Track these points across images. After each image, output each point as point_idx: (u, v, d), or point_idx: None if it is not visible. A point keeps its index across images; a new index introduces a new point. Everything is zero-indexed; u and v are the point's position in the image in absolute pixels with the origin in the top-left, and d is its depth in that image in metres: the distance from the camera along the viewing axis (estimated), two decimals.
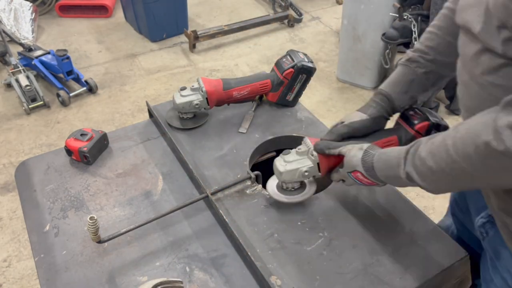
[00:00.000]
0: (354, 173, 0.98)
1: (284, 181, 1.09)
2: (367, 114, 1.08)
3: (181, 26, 3.98)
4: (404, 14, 2.81)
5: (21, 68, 3.22)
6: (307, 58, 1.41)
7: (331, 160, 1.04)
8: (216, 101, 1.39)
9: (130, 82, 3.45)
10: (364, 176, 0.96)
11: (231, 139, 1.37)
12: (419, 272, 0.99)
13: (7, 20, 3.68)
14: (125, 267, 1.02)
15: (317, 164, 1.05)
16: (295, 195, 1.12)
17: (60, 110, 3.15)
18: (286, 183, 1.10)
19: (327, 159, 1.04)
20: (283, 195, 1.12)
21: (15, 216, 2.38)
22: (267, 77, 1.42)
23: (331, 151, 1.02)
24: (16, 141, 2.88)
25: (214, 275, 1.00)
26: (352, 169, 0.97)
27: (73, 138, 1.29)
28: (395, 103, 1.08)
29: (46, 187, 1.22)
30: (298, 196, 1.12)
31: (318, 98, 3.25)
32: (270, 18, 4.12)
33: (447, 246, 1.05)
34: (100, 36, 4.06)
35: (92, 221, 0.95)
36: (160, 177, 1.25)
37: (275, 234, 1.08)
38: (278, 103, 1.48)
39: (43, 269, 1.02)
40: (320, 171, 1.06)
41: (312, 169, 1.06)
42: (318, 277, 0.99)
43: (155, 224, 1.09)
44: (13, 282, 2.06)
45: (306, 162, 1.06)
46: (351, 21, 3.11)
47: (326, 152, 1.02)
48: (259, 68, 3.60)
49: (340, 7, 3.54)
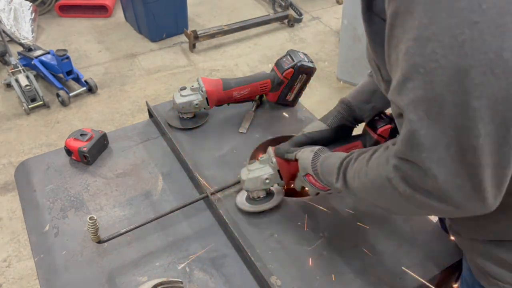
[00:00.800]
0: (307, 177, 0.99)
1: (248, 189, 1.10)
2: (327, 123, 1.11)
3: (181, 26, 3.97)
4: None
5: (21, 68, 3.22)
6: (307, 58, 1.41)
7: (291, 167, 1.05)
8: (216, 101, 1.39)
9: (130, 82, 3.45)
10: (315, 179, 0.96)
11: (231, 139, 1.37)
12: (419, 272, 0.99)
13: (7, 20, 3.68)
14: (125, 267, 1.02)
15: (277, 171, 1.07)
16: (262, 204, 1.12)
17: (60, 110, 3.15)
18: (251, 191, 1.10)
19: (287, 165, 1.05)
20: (249, 204, 1.12)
21: (15, 216, 2.37)
22: (267, 77, 1.42)
23: (288, 155, 1.04)
24: (16, 141, 2.88)
25: (214, 275, 1.00)
26: (305, 172, 0.99)
27: (73, 138, 1.29)
28: (357, 113, 1.10)
29: (46, 187, 1.22)
30: (264, 205, 1.12)
31: (318, 98, 3.25)
32: (270, 18, 4.12)
33: (447, 246, 1.05)
34: (100, 36, 4.06)
35: (92, 221, 0.95)
36: (160, 177, 1.25)
37: (275, 234, 1.08)
38: (278, 103, 1.48)
39: (43, 269, 1.02)
40: (282, 178, 1.07)
41: (273, 176, 1.07)
42: (318, 277, 0.99)
43: (155, 224, 1.09)
44: (13, 282, 2.06)
45: (267, 170, 1.08)
46: (351, 21, 3.11)
47: (284, 157, 1.04)
48: (259, 68, 3.60)
49: (340, 7, 3.54)
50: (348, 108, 1.10)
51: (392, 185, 0.68)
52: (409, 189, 0.65)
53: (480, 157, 0.57)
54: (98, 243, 1.00)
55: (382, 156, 0.72)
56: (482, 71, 0.53)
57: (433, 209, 0.65)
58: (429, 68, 0.56)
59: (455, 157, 0.58)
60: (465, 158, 0.58)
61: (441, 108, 0.57)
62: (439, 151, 0.59)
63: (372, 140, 1.09)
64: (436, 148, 0.59)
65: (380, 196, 0.74)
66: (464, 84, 0.54)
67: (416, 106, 0.59)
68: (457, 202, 0.61)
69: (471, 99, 0.55)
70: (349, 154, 0.85)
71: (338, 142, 1.10)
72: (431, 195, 0.63)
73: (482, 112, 0.55)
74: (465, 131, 0.57)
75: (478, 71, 0.53)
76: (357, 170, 0.79)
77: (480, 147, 0.57)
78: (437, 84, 0.56)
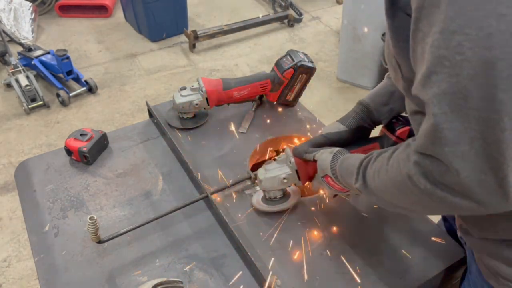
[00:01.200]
0: (326, 178, 0.98)
1: (265, 188, 1.10)
2: (346, 125, 1.10)
3: (181, 26, 3.97)
4: None
5: (21, 68, 3.22)
6: (307, 58, 1.41)
7: (309, 167, 1.05)
8: (216, 101, 1.39)
9: (130, 82, 3.45)
10: (334, 181, 0.96)
11: (231, 139, 1.37)
12: (419, 272, 0.99)
13: (7, 20, 3.68)
14: (125, 267, 1.02)
15: (295, 171, 1.06)
16: (278, 205, 1.12)
17: (60, 110, 3.15)
18: (268, 191, 1.10)
19: (305, 166, 1.05)
20: (266, 204, 1.12)
21: (15, 216, 2.37)
22: (267, 77, 1.42)
23: (306, 155, 1.03)
24: (16, 141, 2.88)
25: (214, 275, 1.00)
26: (323, 174, 0.98)
27: (73, 138, 1.29)
28: (374, 115, 1.10)
29: (46, 187, 1.22)
30: (280, 205, 1.12)
31: (318, 98, 3.25)
32: (270, 18, 4.12)
33: (447, 246, 1.05)
34: (100, 36, 4.06)
35: (92, 221, 0.95)
36: (160, 177, 1.25)
37: (275, 234, 1.08)
38: (278, 103, 1.48)
39: (43, 269, 1.02)
40: (300, 179, 1.07)
41: (291, 176, 1.07)
42: (318, 277, 0.99)
43: (155, 224, 1.09)
44: (13, 282, 2.06)
45: (285, 170, 1.07)
46: (351, 21, 3.11)
47: (303, 157, 1.04)
48: (259, 68, 3.60)
49: (340, 7, 3.54)
50: (366, 109, 1.10)
51: (412, 182, 0.67)
52: (430, 185, 0.64)
53: (505, 152, 0.56)
54: (98, 243, 1.00)
55: (403, 153, 0.71)
56: (509, 64, 0.53)
57: (454, 206, 0.64)
58: (455, 61, 0.56)
59: (479, 152, 0.57)
60: (490, 153, 0.57)
61: (466, 101, 0.56)
62: (463, 145, 0.58)
63: (390, 141, 1.08)
64: (459, 142, 0.58)
65: (401, 194, 0.74)
66: (490, 76, 0.54)
67: (440, 99, 0.58)
68: (480, 198, 0.60)
69: (497, 92, 0.54)
70: (368, 154, 0.84)
71: (356, 144, 1.09)
72: (453, 191, 0.62)
73: (509, 105, 0.54)
74: (491, 124, 0.56)
75: (505, 64, 0.53)
76: (377, 169, 0.79)
77: (506, 141, 0.56)
78: (463, 77, 0.56)
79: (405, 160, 0.69)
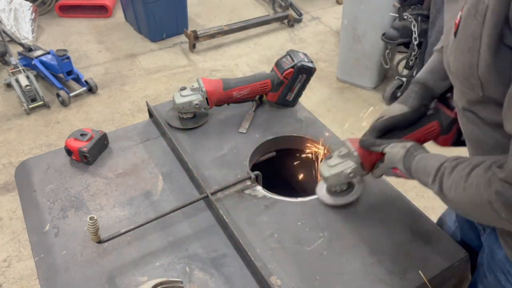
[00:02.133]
0: (394, 170, 0.99)
1: (331, 185, 1.11)
2: (408, 105, 1.06)
3: (181, 26, 3.97)
4: (404, 14, 2.81)
5: (21, 68, 3.22)
6: (307, 58, 1.41)
7: (374, 157, 1.05)
8: (216, 101, 1.39)
9: (130, 82, 3.45)
10: (403, 173, 0.97)
11: (231, 139, 1.37)
12: (419, 272, 0.99)
13: (7, 20, 3.68)
14: (125, 267, 1.02)
15: (360, 164, 1.06)
16: (346, 196, 1.14)
17: (60, 110, 3.15)
18: (333, 186, 1.12)
19: (369, 156, 1.05)
20: (333, 197, 1.14)
21: (15, 216, 2.37)
22: (267, 77, 1.42)
23: (375, 148, 1.02)
24: (16, 141, 2.88)
25: (214, 275, 1.00)
26: (392, 166, 0.99)
27: (73, 138, 1.29)
28: (434, 91, 1.06)
29: (46, 187, 1.22)
30: (348, 196, 1.14)
31: (318, 98, 3.25)
32: (270, 18, 4.12)
33: (447, 246, 1.05)
34: (100, 36, 4.06)
35: (92, 221, 0.95)
36: (160, 177, 1.25)
37: (275, 234, 1.08)
38: (278, 103, 1.48)
39: (43, 269, 1.02)
40: (365, 169, 1.07)
41: (356, 169, 1.07)
42: (318, 277, 0.99)
43: (155, 224, 1.09)
44: (13, 282, 2.06)
45: (349, 164, 1.07)
46: (351, 21, 3.11)
47: (371, 149, 1.03)
48: (259, 68, 3.60)
49: (340, 7, 3.54)
50: (425, 87, 1.06)
51: (493, 208, 0.68)
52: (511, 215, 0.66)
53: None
54: (98, 243, 1.00)
55: (483, 176, 0.71)
56: None
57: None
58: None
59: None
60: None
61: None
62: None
63: (448, 119, 1.04)
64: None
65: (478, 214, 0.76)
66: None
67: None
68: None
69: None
70: (446, 160, 0.84)
71: (415, 125, 1.06)
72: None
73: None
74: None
75: None
76: (454, 182, 0.78)
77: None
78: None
79: (486, 185, 0.70)
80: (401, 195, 1.18)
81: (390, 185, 1.21)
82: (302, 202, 1.16)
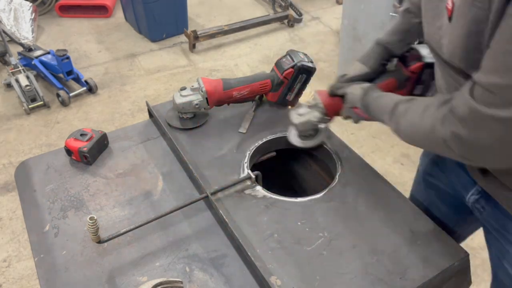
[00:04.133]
0: (355, 109, 1.11)
1: (300, 131, 1.27)
2: (368, 66, 1.19)
3: (181, 26, 3.98)
4: None
5: (21, 68, 3.22)
6: (307, 58, 1.41)
7: (336, 106, 1.19)
8: (216, 101, 1.39)
9: (130, 82, 3.45)
10: (362, 111, 1.08)
11: (231, 139, 1.37)
12: (419, 272, 0.99)
13: (7, 20, 3.68)
14: (125, 267, 1.02)
15: (324, 113, 1.20)
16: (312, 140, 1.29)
17: (60, 110, 3.15)
18: (302, 132, 1.27)
19: (332, 106, 1.19)
20: (302, 141, 1.30)
21: (15, 216, 2.38)
22: (267, 77, 1.42)
23: (338, 91, 1.16)
24: (16, 141, 2.88)
25: (214, 275, 1.00)
26: (352, 105, 1.11)
27: (73, 138, 1.29)
28: (393, 51, 1.19)
29: (46, 187, 1.22)
30: (314, 140, 1.29)
31: None
32: (270, 18, 4.12)
33: (447, 246, 1.05)
34: (100, 36, 4.06)
35: (92, 221, 0.95)
36: (160, 177, 1.25)
37: (275, 234, 1.08)
38: (278, 103, 1.48)
39: (43, 269, 1.02)
40: (328, 115, 1.21)
41: (321, 118, 1.21)
42: (318, 277, 0.99)
43: (155, 224, 1.09)
44: (13, 282, 2.06)
45: (315, 114, 1.21)
46: (351, 21, 3.11)
47: (334, 92, 1.17)
48: (259, 68, 3.60)
49: (340, 7, 3.54)
50: (385, 48, 1.19)
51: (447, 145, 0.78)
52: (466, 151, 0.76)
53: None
54: (98, 243, 1.00)
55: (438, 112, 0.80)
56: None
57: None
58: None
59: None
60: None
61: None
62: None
63: (404, 76, 1.18)
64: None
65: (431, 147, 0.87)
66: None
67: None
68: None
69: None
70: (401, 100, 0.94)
71: (374, 80, 1.19)
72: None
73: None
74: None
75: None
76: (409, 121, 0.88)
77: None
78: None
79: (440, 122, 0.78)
80: (401, 195, 1.18)
81: (390, 185, 1.21)
82: (302, 202, 1.16)
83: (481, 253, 2.09)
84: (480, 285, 2.01)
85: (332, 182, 1.22)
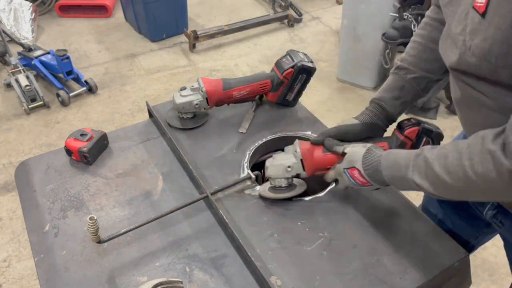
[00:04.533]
0: (351, 170, 1.00)
1: (270, 175, 1.12)
2: (359, 120, 1.12)
3: (181, 26, 3.98)
4: (404, 14, 2.82)
5: (21, 68, 3.22)
6: (307, 58, 1.41)
7: (315, 159, 1.09)
8: (216, 101, 1.39)
9: (130, 82, 3.45)
10: (361, 174, 0.97)
11: (231, 139, 1.37)
12: (419, 272, 0.99)
13: (7, 20, 3.68)
14: (125, 267, 1.02)
15: (300, 161, 1.09)
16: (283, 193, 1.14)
17: (60, 110, 3.15)
18: (273, 178, 1.13)
19: (310, 157, 1.09)
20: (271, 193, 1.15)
21: (15, 216, 2.38)
22: (267, 77, 1.42)
23: (337, 148, 1.06)
24: (16, 141, 2.88)
25: (214, 275, 1.00)
26: (350, 166, 0.99)
27: (73, 138, 1.29)
28: (388, 110, 1.12)
29: (46, 187, 1.22)
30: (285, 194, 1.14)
31: (318, 98, 3.25)
32: (270, 18, 4.12)
33: (447, 246, 1.05)
34: (100, 36, 4.06)
35: (92, 221, 0.95)
36: (160, 177, 1.25)
37: (275, 234, 1.08)
38: (278, 103, 1.48)
39: (43, 269, 1.02)
40: (305, 169, 1.10)
41: (296, 165, 1.10)
42: (318, 277, 0.99)
43: (155, 224, 1.09)
44: (13, 282, 2.06)
45: (291, 159, 1.10)
46: (351, 21, 3.11)
47: (332, 149, 1.07)
48: (259, 68, 3.60)
49: (340, 7, 3.55)
50: (378, 106, 1.12)
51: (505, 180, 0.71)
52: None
53: None
54: (98, 243, 1.00)
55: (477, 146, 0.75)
56: None
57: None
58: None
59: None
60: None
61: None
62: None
63: (398, 141, 1.10)
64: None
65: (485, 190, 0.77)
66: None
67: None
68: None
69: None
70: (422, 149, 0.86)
71: (365, 141, 1.10)
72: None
73: None
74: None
75: None
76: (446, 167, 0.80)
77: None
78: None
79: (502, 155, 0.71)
80: (401, 195, 1.18)
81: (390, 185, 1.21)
82: (302, 202, 1.16)
83: (481, 253, 2.09)
84: (480, 285, 2.01)
85: (332, 182, 1.21)
